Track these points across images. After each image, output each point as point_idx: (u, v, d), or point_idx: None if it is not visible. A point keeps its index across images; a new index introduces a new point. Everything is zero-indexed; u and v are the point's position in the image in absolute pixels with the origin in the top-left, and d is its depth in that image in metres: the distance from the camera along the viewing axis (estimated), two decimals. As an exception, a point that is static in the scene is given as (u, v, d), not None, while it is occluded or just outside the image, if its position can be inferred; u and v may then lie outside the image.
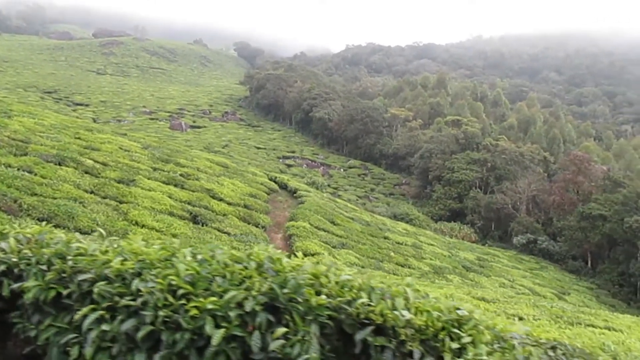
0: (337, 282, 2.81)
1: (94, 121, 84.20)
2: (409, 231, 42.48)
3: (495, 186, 63.80)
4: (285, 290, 2.51)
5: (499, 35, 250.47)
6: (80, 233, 3.25)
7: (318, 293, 2.69)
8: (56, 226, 3.01)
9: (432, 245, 39.27)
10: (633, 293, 45.69)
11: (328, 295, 2.70)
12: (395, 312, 2.62)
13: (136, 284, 2.42)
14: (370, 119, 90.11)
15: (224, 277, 2.55)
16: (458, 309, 2.94)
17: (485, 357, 2.68)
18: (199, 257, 2.69)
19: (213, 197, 29.28)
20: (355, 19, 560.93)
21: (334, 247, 29.05)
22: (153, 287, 2.37)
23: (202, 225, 25.25)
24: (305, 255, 26.27)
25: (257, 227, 28.33)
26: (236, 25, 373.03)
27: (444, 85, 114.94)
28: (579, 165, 57.10)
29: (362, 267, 27.47)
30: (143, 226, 22.03)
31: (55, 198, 20.77)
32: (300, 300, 2.52)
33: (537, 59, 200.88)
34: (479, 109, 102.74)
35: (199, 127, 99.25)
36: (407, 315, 2.62)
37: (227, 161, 41.82)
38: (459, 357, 2.63)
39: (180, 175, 30.69)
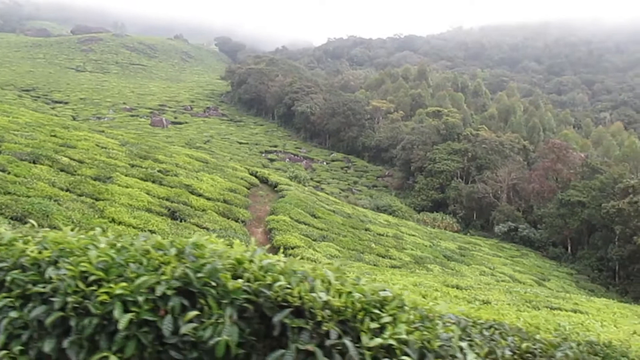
0: (260, 267, 2.84)
1: (74, 119, 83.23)
2: (390, 222, 42.71)
3: (477, 176, 64.34)
4: (200, 275, 2.53)
5: (479, 26, 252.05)
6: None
7: (239, 277, 2.72)
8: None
9: (413, 235, 39.53)
10: (612, 277, 46.49)
11: (249, 280, 2.73)
12: (313, 294, 2.65)
13: (49, 271, 2.43)
14: (352, 112, 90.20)
15: (140, 263, 2.57)
16: (383, 290, 2.99)
17: (404, 335, 2.74)
18: (119, 244, 2.70)
19: (192, 193, 29.14)
20: (336, 11, 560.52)
21: (314, 240, 29.12)
22: (65, 274, 2.38)
23: (181, 221, 25.15)
24: (285, 248, 26.40)
25: (236, 221, 28.30)
26: (217, 20, 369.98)
27: (425, 76, 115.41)
28: (557, 152, 57.84)
29: (343, 258, 27.59)
30: (120, 223, 21.89)
31: (29, 196, 20.55)
32: (215, 284, 2.54)
33: (517, 48, 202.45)
34: (459, 99, 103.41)
35: (180, 123, 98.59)
36: (325, 297, 2.65)
37: (206, 157, 41.64)
38: (377, 336, 2.67)
39: (159, 171, 30.48)
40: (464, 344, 2.93)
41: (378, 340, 2.63)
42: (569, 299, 15.05)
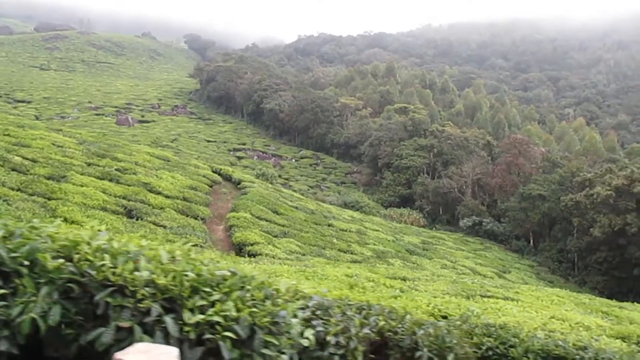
0: (96, 249, 2.87)
1: (37, 118, 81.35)
2: (354, 218, 42.98)
3: (442, 171, 65.20)
4: (15, 255, 2.55)
5: (448, 23, 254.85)
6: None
7: (69, 258, 2.75)
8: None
9: (377, 231, 39.86)
10: (571, 268, 47.68)
11: (79, 260, 2.76)
12: (136, 273, 2.69)
13: None
14: (320, 109, 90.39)
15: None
16: (219, 270, 3.06)
17: (233, 312, 2.80)
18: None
19: (150, 191, 28.81)
20: (307, 9, 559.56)
21: (275, 236, 29.09)
22: None
23: (137, 220, 24.84)
24: (244, 245, 26.35)
25: (196, 219, 28.09)
26: (186, 17, 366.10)
27: (393, 73, 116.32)
28: (519, 147, 59.03)
29: (303, 254, 27.65)
30: (72, 222, 21.49)
31: (-25, 197, 20.06)
32: (31, 264, 2.56)
33: (484, 46, 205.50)
34: (427, 96, 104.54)
35: (147, 122, 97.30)
36: (147, 275, 2.70)
37: (168, 154, 41.25)
38: (203, 314, 2.73)
39: (116, 169, 30.04)
40: (294, 320, 3.00)
41: (199, 317, 2.69)
42: (511, 289, 15.41)
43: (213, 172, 40.18)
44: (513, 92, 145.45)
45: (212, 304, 2.81)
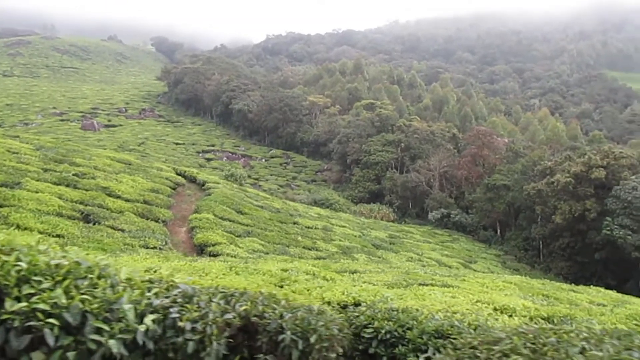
0: None
1: (-2, 126, 79.55)
2: (321, 215, 43.12)
3: (410, 165, 65.79)
4: None
5: (415, 19, 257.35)
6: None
7: None
8: None
9: (343, 227, 40.05)
10: (537, 256, 48.61)
11: None
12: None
13: None
14: (289, 108, 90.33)
15: None
16: (56, 260, 3.09)
17: (63, 300, 2.83)
18: None
19: (109, 195, 28.41)
20: (275, 8, 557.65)
21: (238, 236, 29.00)
22: None
23: (94, 224, 24.45)
24: (205, 246, 26.23)
25: (156, 222, 27.79)
26: (153, 19, 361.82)
27: (361, 70, 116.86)
28: (482, 139, 59.96)
29: (266, 253, 27.64)
30: (25, 229, 21.11)
31: None
32: None
33: (451, 40, 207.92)
34: (395, 91, 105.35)
35: (114, 126, 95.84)
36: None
37: (130, 158, 40.74)
38: (29, 300, 2.76)
39: (74, 174, 29.55)
40: (127, 307, 3.04)
41: (20, 305, 2.72)
42: (461, 277, 15.68)
43: (177, 174, 39.81)
44: (480, 85, 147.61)
45: (41, 291, 2.83)
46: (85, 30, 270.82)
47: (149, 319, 3.11)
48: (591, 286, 28.47)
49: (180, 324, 3.37)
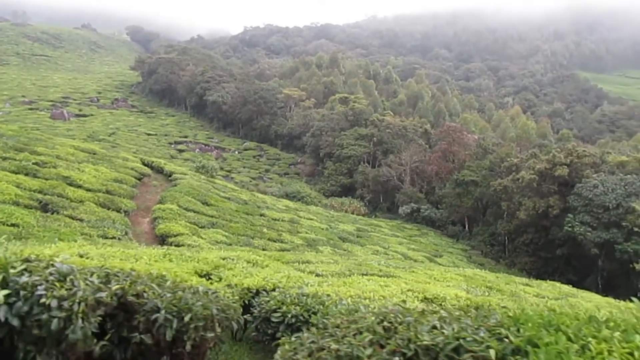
0: None
1: (-37, 114, 77.55)
2: (289, 207, 43.14)
3: (382, 160, 66.16)
4: None
5: (393, 14, 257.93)
6: None
7: None
8: None
9: (311, 219, 40.14)
10: (502, 251, 49.42)
11: None
12: None
13: None
14: (263, 100, 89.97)
15: None
16: None
17: None
18: None
19: (70, 185, 27.97)
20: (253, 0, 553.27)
21: (202, 227, 28.85)
22: None
23: (52, 214, 24.08)
24: (167, 236, 26.03)
25: (118, 212, 27.46)
26: (128, 8, 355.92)
27: (337, 64, 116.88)
28: (452, 135, 60.63)
29: (230, 244, 27.56)
30: (-22, 218, 20.73)
31: None
32: None
33: (428, 37, 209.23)
34: (371, 86, 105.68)
35: (85, 116, 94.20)
36: None
37: (95, 148, 40.16)
38: None
39: (34, 163, 29.00)
40: None
41: None
42: (411, 269, 15.88)
43: (143, 164, 39.39)
44: (455, 82, 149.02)
45: None
46: (58, 17, 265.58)
47: (1, 295, 3.11)
48: (548, 281, 29.14)
49: (44, 300, 3.37)
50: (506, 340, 3.01)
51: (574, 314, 3.37)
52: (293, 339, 3.51)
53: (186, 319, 3.78)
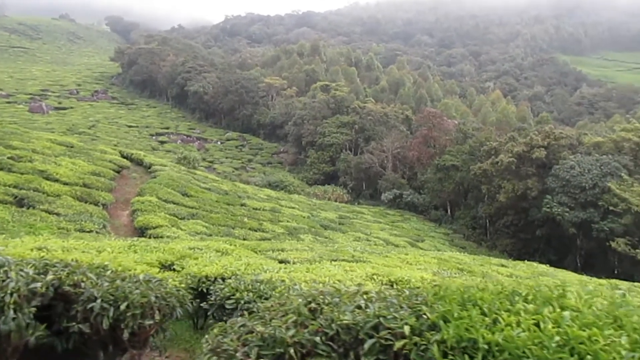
0: None
1: (-62, 109, 76.11)
2: (271, 197, 43.16)
3: (364, 147, 66.30)
4: None
5: (375, 1, 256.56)
6: None
7: None
8: None
9: (292, 208, 40.22)
10: (484, 234, 49.99)
11: None
12: None
13: None
14: (245, 90, 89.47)
15: None
16: None
17: None
18: None
19: (47, 179, 27.72)
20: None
21: (182, 218, 28.81)
22: None
23: (28, 208, 23.87)
24: (146, 228, 25.96)
25: (96, 205, 27.31)
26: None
27: (319, 52, 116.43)
28: (433, 120, 60.91)
29: (210, 235, 27.56)
30: (-49, 215, 20.51)
31: None
32: None
33: (410, 23, 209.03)
34: (352, 73, 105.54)
35: (64, 109, 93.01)
36: None
37: (73, 141, 39.76)
38: None
39: (9, 157, 28.68)
40: None
41: None
42: (379, 255, 16.04)
43: (122, 157, 39.12)
44: (437, 68, 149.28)
45: None
46: (36, 8, 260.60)
47: None
48: (526, 261, 29.63)
49: (-27, 292, 3.39)
50: (424, 316, 3.10)
51: (496, 289, 3.47)
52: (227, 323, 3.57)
53: (122, 307, 3.82)
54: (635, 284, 24.84)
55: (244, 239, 28.35)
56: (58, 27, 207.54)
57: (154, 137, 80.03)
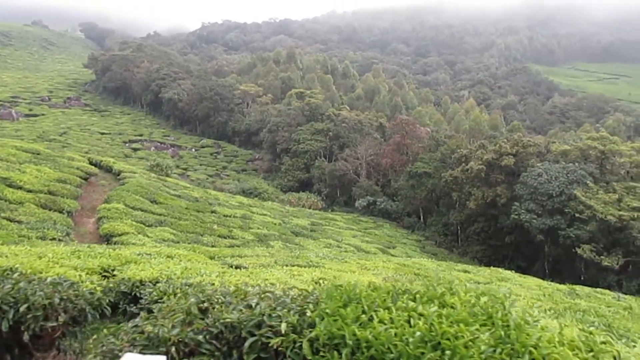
0: None
1: None
2: (242, 204, 43.01)
3: (339, 154, 66.54)
4: None
5: (352, 10, 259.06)
6: None
7: None
8: None
9: (264, 215, 40.13)
10: (455, 240, 50.48)
11: None
12: None
13: None
14: (220, 97, 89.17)
15: None
16: None
17: None
18: None
19: (10, 186, 27.21)
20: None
21: (149, 225, 28.50)
22: None
23: (-12, 216, 23.44)
24: (112, 236, 25.63)
25: (60, 213, 26.90)
26: (82, 4, 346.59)
27: (295, 59, 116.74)
28: (405, 128, 61.48)
29: (177, 242, 27.32)
30: None
31: None
32: None
33: (387, 32, 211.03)
34: (328, 81, 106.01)
35: (35, 116, 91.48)
36: None
37: (40, 147, 39.14)
38: None
39: (-29, 165, 28.12)
40: None
41: None
42: (334, 260, 16.13)
43: (91, 163, 38.63)
44: (413, 76, 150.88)
45: None
46: (7, 14, 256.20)
47: None
48: (492, 268, 29.99)
49: None
50: (307, 314, 3.18)
51: (386, 288, 3.55)
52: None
53: (22, 309, 3.80)
54: (597, 289, 25.39)
55: (212, 246, 28.20)
56: (30, 33, 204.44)
57: (127, 144, 79.18)
